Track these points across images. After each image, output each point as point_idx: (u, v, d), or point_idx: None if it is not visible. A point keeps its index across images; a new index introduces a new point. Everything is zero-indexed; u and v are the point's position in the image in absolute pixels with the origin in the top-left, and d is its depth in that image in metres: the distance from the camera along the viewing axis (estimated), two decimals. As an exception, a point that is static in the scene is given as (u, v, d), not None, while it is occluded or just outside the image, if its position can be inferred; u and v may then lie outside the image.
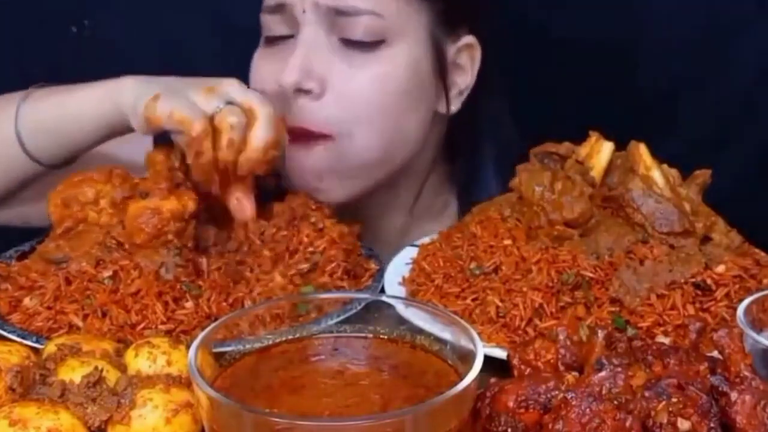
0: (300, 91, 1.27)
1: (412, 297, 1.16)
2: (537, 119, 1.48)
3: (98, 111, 1.24)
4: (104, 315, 1.06)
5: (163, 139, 1.23)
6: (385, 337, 0.86)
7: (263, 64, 1.35)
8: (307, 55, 1.27)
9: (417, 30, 1.31)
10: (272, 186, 1.29)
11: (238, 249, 1.17)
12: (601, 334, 0.87)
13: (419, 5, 1.31)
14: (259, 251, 1.16)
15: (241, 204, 1.19)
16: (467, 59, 1.37)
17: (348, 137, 1.29)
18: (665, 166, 1.17)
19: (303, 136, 1.29)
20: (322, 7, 1.27)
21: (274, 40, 1.33)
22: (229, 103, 1.16)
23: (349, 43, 1.28)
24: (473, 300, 1.12)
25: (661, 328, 1.04)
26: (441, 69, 1.35)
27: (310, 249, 1.18)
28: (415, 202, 1.46)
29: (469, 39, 1.36)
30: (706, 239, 1.14)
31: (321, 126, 1.28)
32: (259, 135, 1.15)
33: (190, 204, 1.13)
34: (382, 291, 1.18)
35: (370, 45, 1.28)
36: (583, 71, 1.65)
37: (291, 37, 1.30)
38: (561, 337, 0.89)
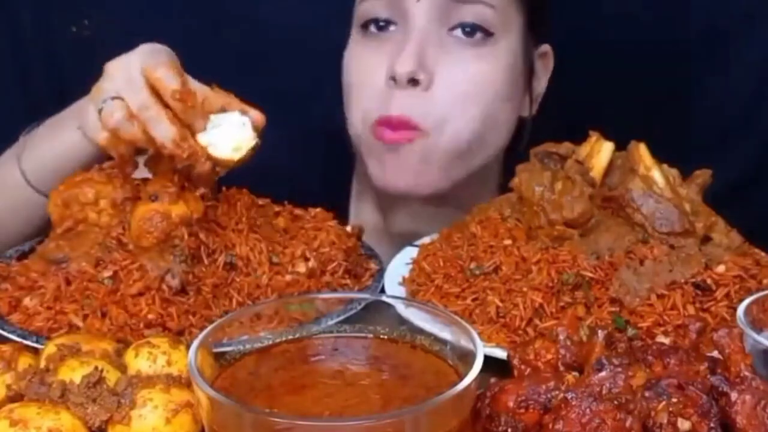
0: (411, 81, 1.27)
1: (412, 297, 1.16)
2: (537, 119, 1.48)
3: (82, 143, 1.23)
4: (104, 315, 1.06)
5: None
6: (385, 337, 0.87)
7: (367, 54, 1.34)
8: (422, 45, 1.28)
9: (516, 31, 1.33)
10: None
11: (237, 250, 1.16)
12: (601, 334, 0.87)
13: (518, 6, 1.33)
14: (258, 252, 1.16)
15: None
16: (543, 66, 1.41)
17: (440, 129, 1.30)
18: (665, 166, 1.17)
19: (400, 126, 1.29)
20: None
21: (374, 29, 1.32)
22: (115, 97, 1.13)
23: (457, 36, 1.29)
24: (473, 300, 1.12)
25: (661, 328, 1.04)
26: (529, 73, 1.38)
27: (311, 249, 1.18)
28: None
29: (546, 47, 1.40)
30: (706, 239, 1.14)
31: (422, 118, 1.29)
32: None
33: (198, 209, 1.13)
34: (382, 291, 1.18)
35: (479, 39, 1.29)
36: (583, 71, 1.65)
37: (392, 24, 1.30)
38: (561, 337, 0.89)
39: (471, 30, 1.29)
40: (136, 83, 1.11)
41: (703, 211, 1.15)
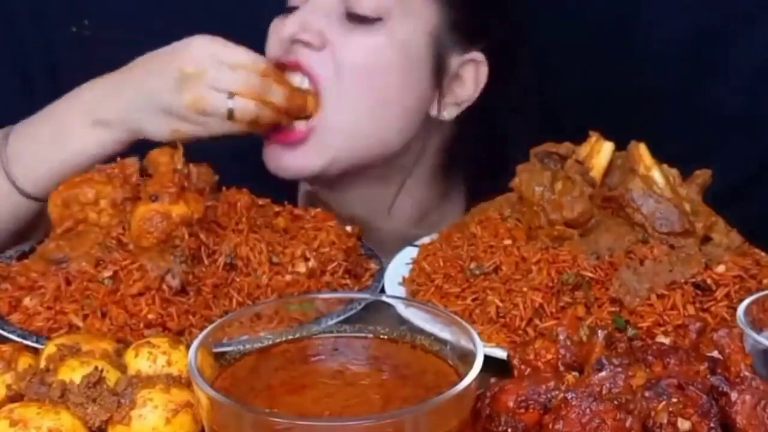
0: (298, 42, 1.32)
1: (412, 297, 1.16)
2: (537, 119, 1.48)
3: (99, 146, 1.26)
4: (104, 315, 1.06)
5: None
6: (385, 337, 0.87)
7: (273, 27, 1.39)
8: (310, 12, 1.33)
9: (420, 22, 1.35)
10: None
11: (237, 250, 1.16)
12: (601, 334, 0.87)
13: (429, 2, 1.35)
14: (258, 252, 1.16)
15: None
16: (471, 73, 1.40)
17: (334, 105, 1.33)
18: (665, 166, 1.17)
19: (298, 68, 1.33)
20: None
21: (291, 9, 1.37)
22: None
23: (351, 16, 1.33)
24: (473, 300, 1.12)
25: (661, 328, 1.04)
26: (438, 72, 1.38)
27: (311, 249, 1.18)
28: (393, 203, 1.47)
29: (476, 55, 1.39)
30: (706, 239, 1.14)
31: (317, 66, 1.33)
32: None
33: (198, 209, 1.13)
34: (383, 291, 1.18)
35: (370, 20, 1.33)
36: (584, 71, 1.65)
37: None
38: (561, 337, 0.89)
39: (361, 14, 1.33)
40: (223, 67, 1.23)
41: (703, 211, 1.15)
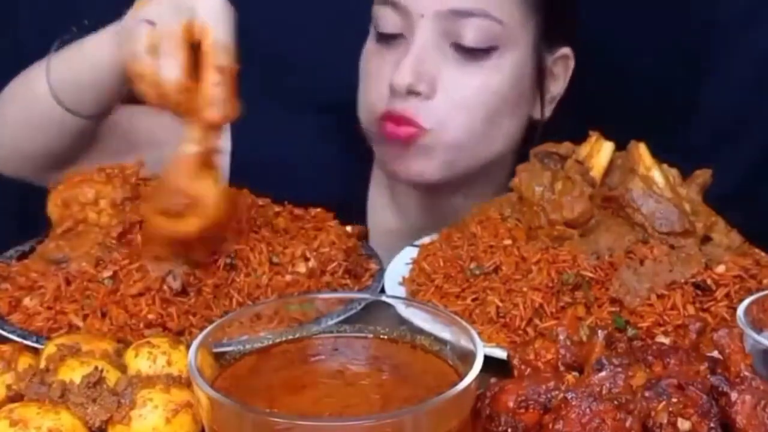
0: (411, 92, 1.31)
1: (412, 297, 1.16)
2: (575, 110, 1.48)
3: (112, 56, 1.20)
4: (104, 315, 1.06)
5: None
6: (385, 337, 0.87)
7: (375, 60, 1.37)
8: (420, 57, 1.31)
9: (525, 40, 1.35)
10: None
11: (237, 250, 1.16)
12: (601, 334, 0.87)
13: (529, 16, 1.35)
14: (258, 252, 1.16)
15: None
16: (562, 69, 1.42)
17: (441, 127, 1.33)
18: (665, 166, 1.17)
19: (403, 121, 1.33)
20: (442, 13, 1.29)
21: (385, 37, 1.35)
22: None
23: (461, 50, 1.31)
24: (473, 300, 1.12)
25: (661, 328, 1.04)
26: (540, 78, 1.39)
27: (311, 249, 1.18)
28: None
29: (565, 50, 1.41)
30: (706, 239, 1.14)
31: (423, 118, 1.32)
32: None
33: None
34: (382, 291, 1.18)
35: (482, 52, 1.31)
36: (584, 71, 1.65)
37: (402, 35, 1.33)
38: (561, 337, 0.89)
39: (473, 47, 1.31)
40: (178, 14, 1.06)
41: (703, 211, 1.15)
